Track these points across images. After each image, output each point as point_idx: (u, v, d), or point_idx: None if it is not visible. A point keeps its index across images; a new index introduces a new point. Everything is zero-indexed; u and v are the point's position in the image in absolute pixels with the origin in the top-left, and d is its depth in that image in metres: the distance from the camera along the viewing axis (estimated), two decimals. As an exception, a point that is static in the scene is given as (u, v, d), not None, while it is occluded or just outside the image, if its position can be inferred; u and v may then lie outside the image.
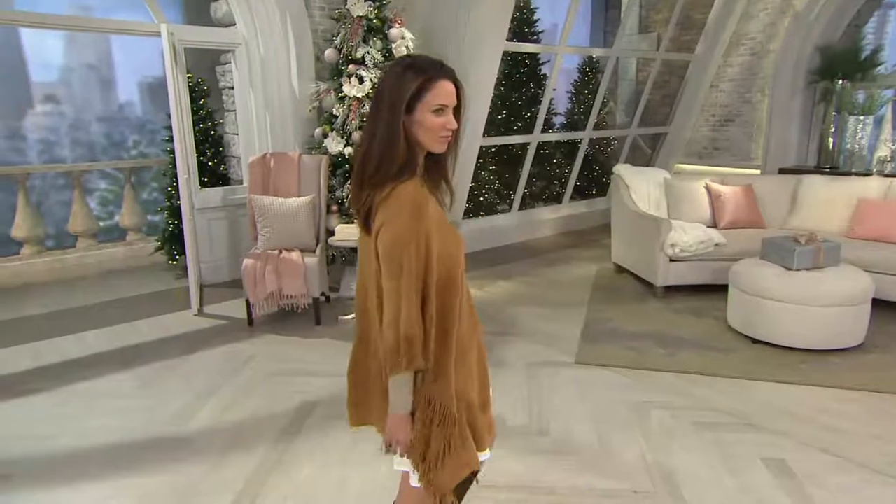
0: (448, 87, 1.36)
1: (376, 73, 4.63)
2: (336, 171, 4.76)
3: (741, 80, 7.36)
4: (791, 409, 2.97)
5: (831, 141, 6.25)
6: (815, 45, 6.35)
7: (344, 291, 4.92)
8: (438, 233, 1.35)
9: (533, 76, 7.17)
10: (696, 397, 3.11)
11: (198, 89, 5.61)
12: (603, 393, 3.19)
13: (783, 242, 3.82)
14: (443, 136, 1.37)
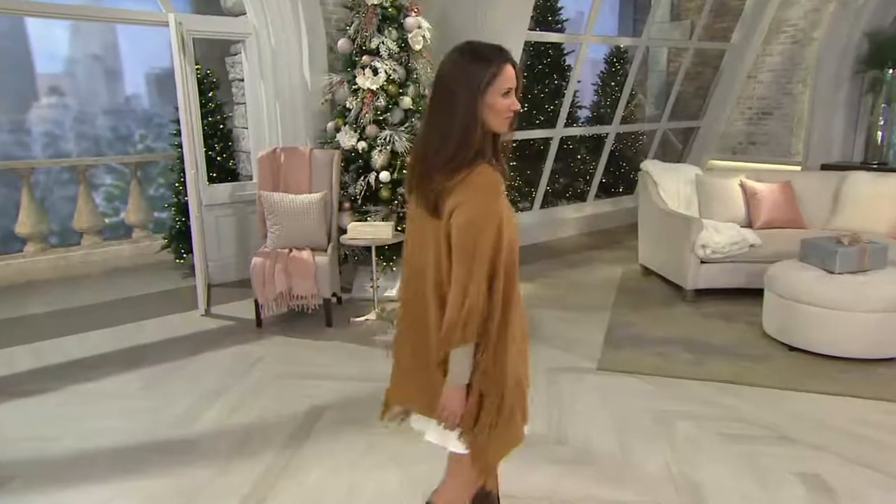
0: (511, 70, 1.51)
1: (391, 65, 4.69)
2: (349, 167, 4.82)
3: (781, 70, 7.29)
4: (829, 421, 2.95)
5: (880, 135, 6.15)
6: (864, 32, 6.26)
7: (356, 292, 4.98)
8: (507, 218, 1.51)
9: (556, 67, 7.19)
10: (725, 407, 3.11)
11: (206, 81, 5.72)
12: (626, 401, 3.20)
13: (824, 244, 3.79)
14: (507, 117, 1.53)
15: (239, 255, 5.42)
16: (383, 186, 4.69)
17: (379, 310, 4.53)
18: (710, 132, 7.90)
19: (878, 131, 6.19)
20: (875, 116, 6.22)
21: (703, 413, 3.06)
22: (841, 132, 6.62)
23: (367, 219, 4.70)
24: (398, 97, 4.76)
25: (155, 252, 6.08)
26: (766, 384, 3.34)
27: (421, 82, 4.89)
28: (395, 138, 4.67)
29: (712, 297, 4.70)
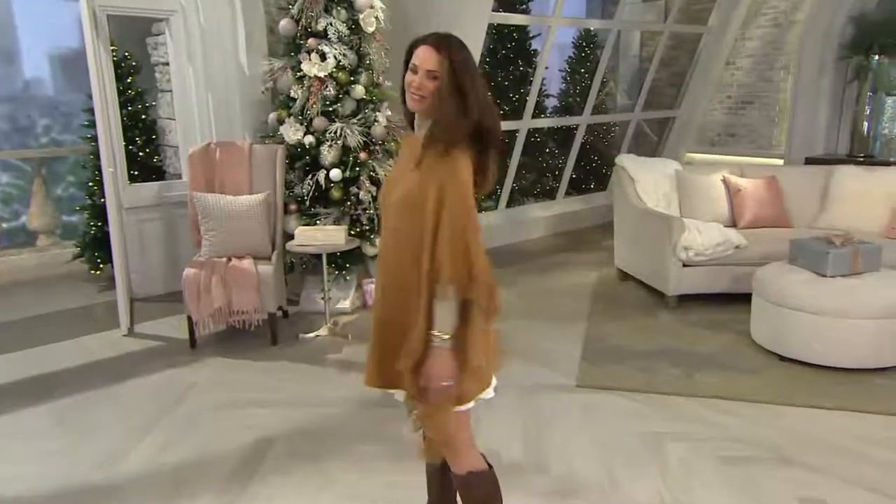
0: (421, 51, 1.78)
1: (341, 49, 4.61)
2: (294, 164, 4.72)
3: (761, 55, 7.51)
4: (830, 439, 3.02)
5: (865, 125, 6.39)
6: (848, 15, 6.50)
7: (305, 305, 4.88)
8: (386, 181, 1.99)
9: (521, 52, 7.23)
10: (718, 426, 3.16)
11: (124, 65, 5.53)
12: (610, 422, 3.22)
13: (815, 244, 3.90)
14: (410, 93, 1.80)
15: (166, 265, 5.25)
16: (334, 186, 4.61)
17: (331, 324, 4.45)
18: (687, 123, 8.09)
19: (864, 122, 6.43)
20: (861, 106, 6.46)
21: (694, 433, 3.10)
22: (825, 123, 6.87)
23: (317, 222, 4.60)
24: (349, 86, 4.69)
25: (65, 262, 5.84)
26: (759, 399, 3.41)
27: (374, 69, 4.82)
28: (347, 132, 4.60)
29: (696, 304, 4.79)
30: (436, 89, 1.76)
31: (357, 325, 4.62)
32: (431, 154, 1.78)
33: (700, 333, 4.31)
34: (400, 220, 1.84)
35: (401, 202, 1.83)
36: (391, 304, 1.87)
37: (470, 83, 1.78)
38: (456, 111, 1.76)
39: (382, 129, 4.76)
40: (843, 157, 6.55)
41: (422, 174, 1.78)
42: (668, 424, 3.18)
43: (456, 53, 1.76)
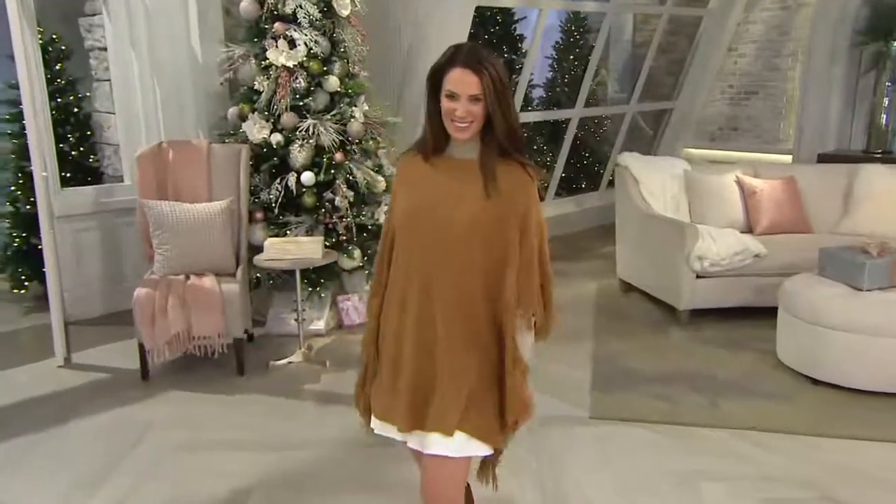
0: (458, 74, 1.82)
1: (312, 35, 4.49)
2: (260, 166, 4.58)
3: (767, 41, 7.59)
4: (875, 473, 3.02)
5: (884, 118, 6.48)
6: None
7: (273, 326, 4.73)
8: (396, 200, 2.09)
9: (506, 37, 7.18)
10: (753, 462, 3.13)
11: (51, 50, 5.30)
12: (633, 458, 3.17)
13: (848, 254, 3.91)
14: (451, 120, 1.85)
15: (106, 282, 5.09)
16: (307, 191, 4.48)
17: (305, 348, 4.32)
18: (686, 116, 8.14)
19: (882, 115, 6.51)
20: (878, 97, 6.54)
21: (729, 471, 3.06)
22: (837, 116, 6.95)
23: (287, 232, 4.47)
24: (322, 77, 4.56)
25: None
26: (794, 430, 3.40)
27: (350, 58, 4.71)
28: (320, 129, 4.48)
29: (710, 319, 4.78)
30: (483, 111, 1.82)
31: (334, 350, 4.50)
32: (507, 178, 1.87)
33: (718, 353, 4.30)
34: (466, 250, 1.89)
35: (469, 231, 1.88)
36: (452, 341, 1.91)
37: (509, 92, 1.86)
38: (509, 124, 1.86)
39: (360, 126, 4.65)
40: (860, 154, 6.64)
41: (500, 201, 1.86)
42: (699, 461, 3.14)
43: (492, 68, 1.81)
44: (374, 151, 4.78)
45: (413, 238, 1.96)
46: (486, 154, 1.88)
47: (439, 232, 1.90)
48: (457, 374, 1.91)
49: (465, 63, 1.80)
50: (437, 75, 1.86)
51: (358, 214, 4.62)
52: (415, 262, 1.95)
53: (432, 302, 1.91)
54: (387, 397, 2.00)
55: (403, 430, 1.96)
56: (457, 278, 1.90)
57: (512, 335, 1.90)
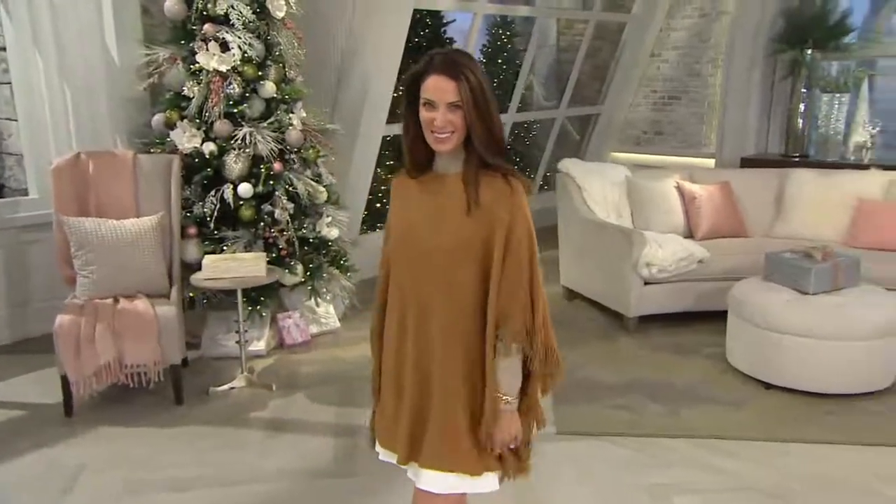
0: (433, 81, 1.71)
1: (246, 38, 4.24)
2: (192, 178, 4.29)
3: (689, 48, 7.78)
4: (847, 479, 3.06)
5: (800, 123, 6.75)
6: (779, 7, 6.83)
7: (208, 348, 4.45)
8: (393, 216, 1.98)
9: (437, 40, 7.07)
10: (723, 472, 3.13)
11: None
12: (606, 474, 3.11)
13: (793, 259, 3.99)
14: (430, 131, 1.75)
15: (12, 307, 4.69)
16: (244, 204, 4.23)
17: (247, 371, 4.07)
18: (612, 120, 8.25)
19: (799, 120, 6.78)
20: (795, 103, 6.80)
21: (701, 482, 3.05)
22: (756, 121, 7.19)
23: (224, 248, 4.20)
24: (257, 82, 4.32)
25: None
26: (755, 436, 3.42)
27: (286, 62, 4.48)
28: (257, 138, 4.24)
29: (657, 325, 4.81)
30: (463, 121, 1.71)
31: (278, 371, 4.27)
32: (489, 191, 1.74)
33: (671, 360, 4.32)
34: (453, 272, 1.78)
35: (454, 251, 1.77)
36: (449, 369, 1.81)
37: (490, 96, 1.74)
38: (491, 132, 1.74)
39: (298, 134, 4.43)
40: (779, 157, 6.89)
41: (482, 216, 1.74)
42: (670, 474, 3.12)
43: (472, 72, 1.70)
44: (314, 161, 4.56)
45: (403, 263, 1.87)
46: (468, 166, 1.77)
47: (426, 256, 1.81)
48: (452, 406, 1.82)
49: (442, 69, 1.70)
50: (413, 84, 1.76)
51: (299, 227, 4.40)
52: (408, 288, 1.86)
53: (429, 328, 1.82)
54: (389, 423, 1.93)
55: (401, 462, 1.90)
56: (450, 303, 1.80)
57: (489, 360, 1.77)
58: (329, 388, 4.03)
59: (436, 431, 1.83)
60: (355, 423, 3.60)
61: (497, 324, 1.76)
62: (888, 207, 4.91)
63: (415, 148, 1.82)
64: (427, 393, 1.84)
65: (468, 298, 1.79)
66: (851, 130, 6.53)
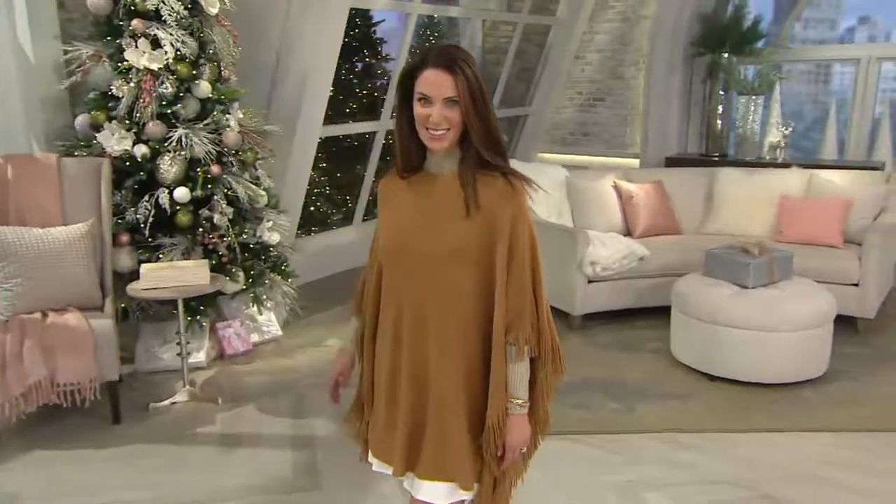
0: (430, 75, 1.65)
1: (178, 34, 4.03)
2: (123, 182, 4.04)
3: (611, 51, 7.96)
4: (799, 467, 3.16)
5: (719, 124, 7.02)
6: (695, 13, 7.08)
7: (142, 362, 4.21)
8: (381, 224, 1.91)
9: (367, 41, 6.97)
10: (685, 466, 3.18)
11: None
12: (573, 473, 3.11)
13: (732, 255, 4.13)
14: (425, 128, 1.68)
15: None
16: (181, 209, 4.02)
17: (189, 384, 3.86)
18: (540, 121, 8.34)
19: (718, 121, 7.06)
20: (713, 105, 7.08)
21: (666, 477, 3.09)
22: (677, 122, 7.44)
23: (160, 256, 3.98)
24: (192, 81, 4.12)
25: None
26: (709, 428, 3.51)
27: (221, 61, 4.29)
28: (194, 140, 4.03)
29: (600, 323, 4.88)
30: (461, 117, 1.65)
31: (221, 383, 4.09)
32: (489, 192, 1.69)
33: (619, 357, 4.39)
34: (451, 277, 1.72)
35: (453, 256, 1.71)
36: (446, 379, 1.75)
37: (487, 92, 1.70)
38: (490, 129, 1.68)
39: (236, 136, 4.25)
40: (700, 157, 7.15)
41: (482, 219, 1.68)
42: (635, 470, 3.14)
43: (468, 66, 1.65)
44: (253, 163, 4.39)
45: (398, 271, 1.80)
46: (464, 166, 1.71)
47: (423, 262, 1.74)
48: (451, 413, 1.76)
49: (438, 63, 1.64)
50: (407, 79, 1.70)
51: (240, 233, 4.22)
52: (404, 295, 1.78)
53: (426, 335, 1.76)
54: (383, 434, 1.86)
55: (397, 474, 1.83)
56: (447, 308, 1.74)
57: (498, 365, 1.72)
58: (279, 398, 3.88)
59: (434, 440, 1.76)
60: (312, 434, 3.48)
61: (507, 328, 1.71)
62: (809, 204, 5.15)
63: (408, 147, 1.75)
64: (423, 402, 1.77)
65: (467, 303, 1.74)
66: (766, 131, 6.86)
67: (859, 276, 4.64)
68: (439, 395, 1.75)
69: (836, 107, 7.06)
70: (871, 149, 6.96)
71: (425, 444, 1.78)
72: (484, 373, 1.76)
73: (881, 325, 4.79)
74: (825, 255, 4.76)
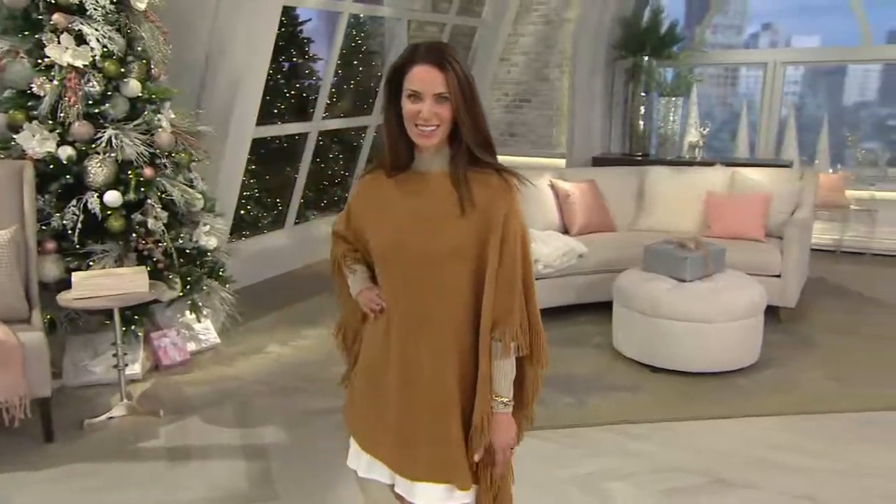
0: (420, 72, 1.63)
1: (105, 30, 3.83)
2: (47, 186, 3.79)
3: (535, 53, 8.09)
4: (745, 451, 3.28)
5: (641, 125, 7.25)
6: (615, 17, 7.29)
7: (71, 377, 3.98)
8: None
9: (293, 41, 6.82)
10: (640, 456, 3.24)
11: None
12: (536, 469, 3.11)
13: (669, 249, 4.25)
14: (415, 125, 1.65)
15: None
16: (113, 213, 3.81)
17: (126, 396, 3.67)
18: (467, 122, 8.37)
19: (640, 121, 7.29)
20: (635, 106, 7.30)
21: (624, 467, 3.14)
22: (601, 122, 7.63)
23: (90, 264, 3.76)
24: (120, 80, 3.92)
25: None
26: (658, 418, 3.60)
27: (151, 58, 4.10)
28: (124, 141, 3.83)
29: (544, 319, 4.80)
30: (450, 113, 1.63)
31: (160, 395, 3.90)
32: (483, 190, 1.67)
33: (565, 352, 4.42)
34: (447, 276, 1.69)
35: (450, 256, 1.68)
36: (442, 376, 1.72)
37: (476, 90, 1.67)
38: (479, 126, 1.67)
39: (169, 136, 4.07)
40: (624, 157, 7.36)
41: (477, 217, 1.66)
42: (595, 462, 3.19)
43: (457, 62, 1.63)
44: (187, 165, 4.21)
45: (392, 270, 1.76)
46: (455, 164, 1.69)
47: (418, 262, 1.70)
48: (445, 416, 1.72)
49: (428, 59, 1.62)
50: (395, 76, 1.66)
51: (176, 237, 4.04)
52: (399, 295, 1.75)
53: (419, 336, 1.72)
54: (374, 429, 1.81)
55: (393, 469, 1.78)
56: (445, 309, 1.71)
57: (485, 363, 1.69)
58: (224, 408, 3.73)
59: (430, 441, 1.73)
60: (263, 442, 3.37)
61: (494, 324, 1.68)
62: (733, 200, 5.37)
63: (397, 144, 1.72)
64: (417, 402, 1.73)
65: (462, 301, 1.70)
66: (685, 131, 7.13)
67: (781, 268, 4.86)
68: (434, 394, 1.72)
69: (746, 108, 7.43)
70: (778, 148, 7.34)
71: (420, 445, 1.73)
72: (477, 371, 1.72)
73: (801, 314, 5.04)
74: (750, 248, 4.96)
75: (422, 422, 1.73)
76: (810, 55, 7.86)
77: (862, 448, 3.30)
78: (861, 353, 4.40)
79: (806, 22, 9.37)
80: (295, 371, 4.22)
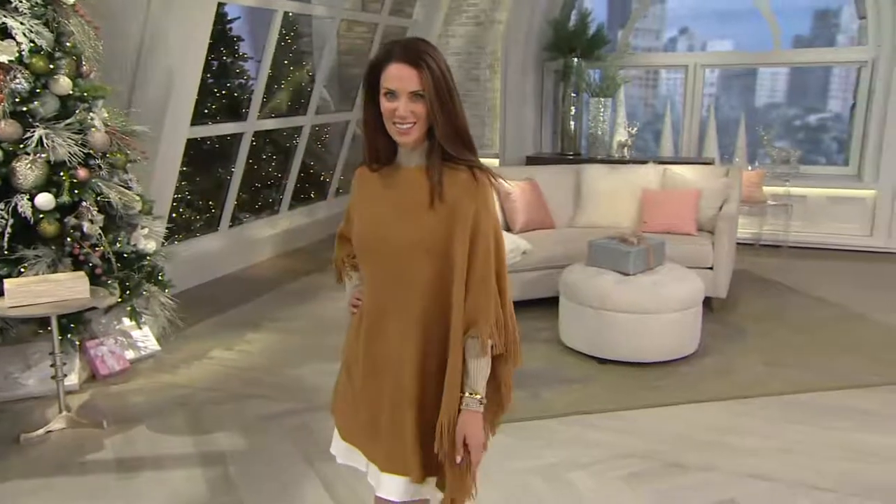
0: (394, 69, 1.65)
1: (32, 23, 3.64)
2: (-25, 188, 3.58)
3: (466, 54, 8.15)
4: (694, 435, 3.40)
5: (572, 125, 7.40)
6: (545, 18, 7.43)
7: (2, 389, 3.73)
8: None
9: (222, 39, 6.65)
10: (597, 444, 3.32)
11: None
12: (498, 463, 3.12)
13: (612, 244, 4.36)
14: (393, 123, 1.67)
15: None
16: (46, 217, 3.62)
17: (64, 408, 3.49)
18: (399, 123, 8.36)
19: (571, 121, 7.44)
20: (566, 106, 7.45)
21: (583, 456, 3.20)
22: (532, 122, 7.76)
23: (22, 270, 3.56)
24: (49, 76, 3.73)
25: None
26: (610, 408, 3.69)
27: (82, 54, 3.92)
28: (55, 141, 3.65)
29: (487, 316, 4.95)
30: (427, 110, 1.65)
31: (100, 406, 3.73)
32: (453, 186, 1.68)
33: (513, 348, 4.49)
34: (414, 268, 1.72)
35: (415, 247, 1.70)
36: (404, 367, 1.74)
37: (454, 86, 1.70)
38: (455, 124, 1.69)
39: (103, 136, 3.91)
40: (556, 156, 7.50)
41: (445, 211, 1.68)
42: (554, 453, 3.23)
43: (434, 60, 1.66)
44: (123, 166, 4.05)
45: (368, 261, 1.80)
46: (431, 159, 1.71)
47: (387, 253, 1.74)
48: (404, 407, 1.75)
49: (403, 57, 1.64)
50: (373, 74, 1.69)
51: (114, 241, 3.87)
52: (374, 284, 1.78)
53: (388, 326, 1.76)
54: (350, 419, 1.87)
55: (367, 458, 1.84)
56: (410, 301, 1.73)
57: (454, 364, 1.68)
58: (171, 416, 3.60)
59: (389, 431, 1.76)
60: (218, 448, 3.28)
61: (468, 323, 1.68)
62: (666, 196, 5.56)
63: (376, 140, 1.75)
64: (381, 391, 1.77)
65: (425, 293, 1.72)
66: (614, 130, 7.33)
67: (713, 261, 5.06)
68: (396, 385, 1.74)
69: (670, 109, 7.70)
70: (700, 147, 7.64)
71: (382, 434, 1.77)
72: (441, 367, 1.72)
73: (730, 304, 5.26)
74: (684, 242, 5.13)
75: (383, 413, 1.77)
76: (728, 58, 8.21)
77: (795, 428, 3.47)
78: (787, 340, 4.63)
79: (719, 27, 9.82)
80: (242, 376, 4.12)
